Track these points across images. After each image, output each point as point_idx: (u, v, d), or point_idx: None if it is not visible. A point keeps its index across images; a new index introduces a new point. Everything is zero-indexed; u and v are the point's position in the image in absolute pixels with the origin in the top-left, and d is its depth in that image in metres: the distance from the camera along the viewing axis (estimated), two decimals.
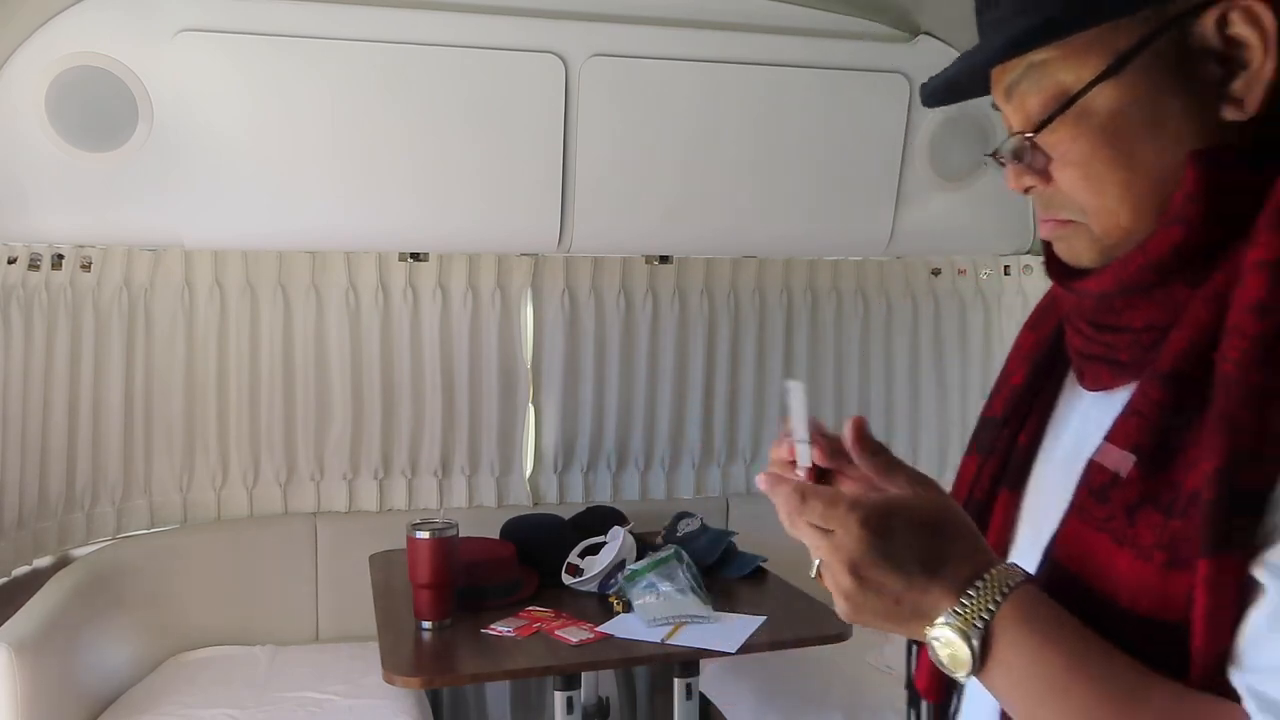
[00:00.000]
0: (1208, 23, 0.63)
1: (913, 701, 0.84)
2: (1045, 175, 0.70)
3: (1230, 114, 0.64)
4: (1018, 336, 0.85)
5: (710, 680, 2.71)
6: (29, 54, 2.15)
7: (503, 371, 3.10)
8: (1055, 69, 0.67)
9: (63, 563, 2.67)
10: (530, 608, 2.36)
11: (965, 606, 0.64)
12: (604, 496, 3.23)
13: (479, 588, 2.36)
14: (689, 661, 2.28)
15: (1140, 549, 0.62)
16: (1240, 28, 0.63)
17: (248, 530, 2.96)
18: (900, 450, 3.30)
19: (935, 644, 0.65)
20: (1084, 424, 0.73)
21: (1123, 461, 0.64)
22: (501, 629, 2.22)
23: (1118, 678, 0.61)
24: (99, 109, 2.19)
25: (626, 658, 2.31)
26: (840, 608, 0.67)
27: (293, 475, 3.02)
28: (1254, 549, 0.57)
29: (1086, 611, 0.64)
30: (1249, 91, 0.63)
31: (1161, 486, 0.62)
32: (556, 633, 2.20)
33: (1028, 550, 0.73)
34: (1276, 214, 0.61)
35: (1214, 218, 0.64)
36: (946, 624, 0.64)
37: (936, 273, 3.22)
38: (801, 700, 2.53)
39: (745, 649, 2.12)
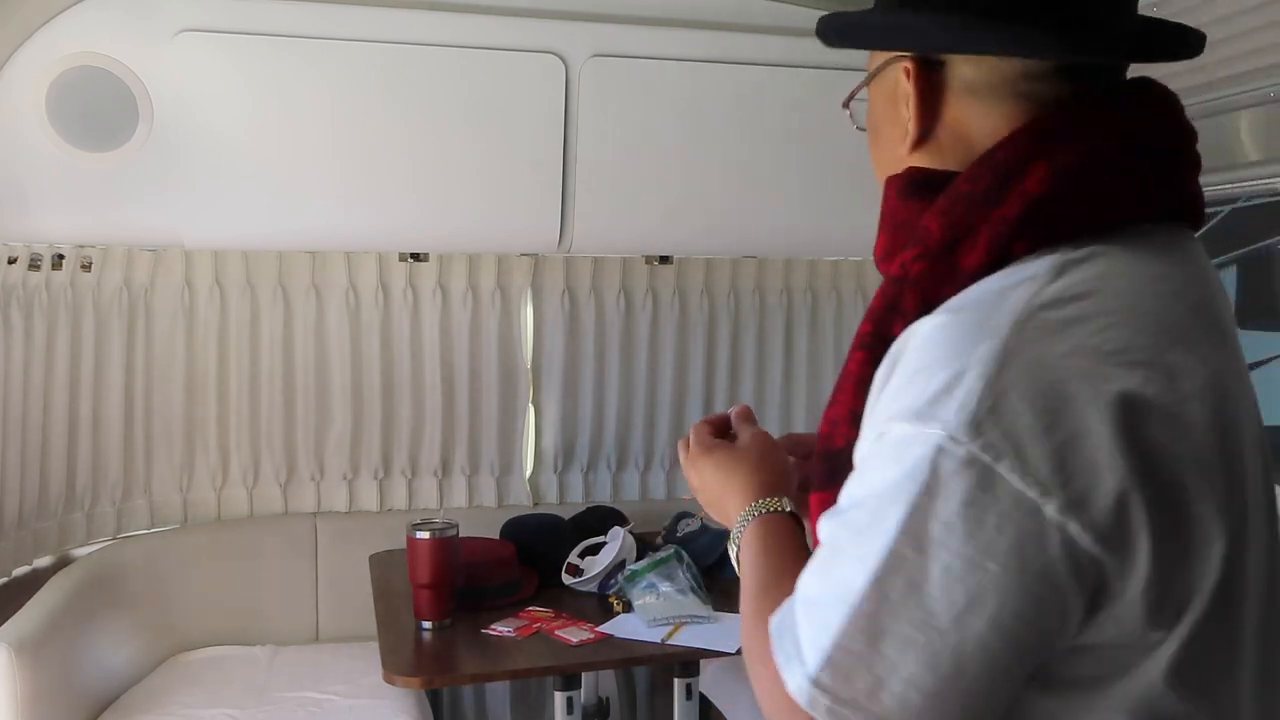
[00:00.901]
0: (897, 71, 0.79)
1: None
2: None
3: (904, 143, 0.80)
4: None
5: (710, 680, 2.71)
6: (29, 54, 2.15)
7: (503, 371, 3.10)
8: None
9: (63, 563, 2.67)
10: (530, 608, 2.36)
11: (740, 519, 0.90)
12: (604, 496, 3.23)
13: (479, 588, 2.36)
14: (689, 661, 2.28)
15: (815, 485, 0.81)
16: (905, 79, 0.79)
17: (248, 530, 2.96)
18: None
19: (730, 540, 0.91)
20: None
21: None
22: (501, 629, 2.22)
23: (780, 572, 0.80)
24: (99, 109, 2.19)
25: (626, 658, 2.30)
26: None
27: (293, 475, 3.02)
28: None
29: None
30: (909, 126, 0.79)
31: (833, 465, 0.79)
32: (556, 633, 2.20)
33: None
34: (913, 240, 0.75)
35: (894, 232, 0.80)
36: (736, 527, 0.91)
37: None
38: None
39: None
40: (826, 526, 0.70)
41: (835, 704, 0.65)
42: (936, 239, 0.73)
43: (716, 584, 2.47)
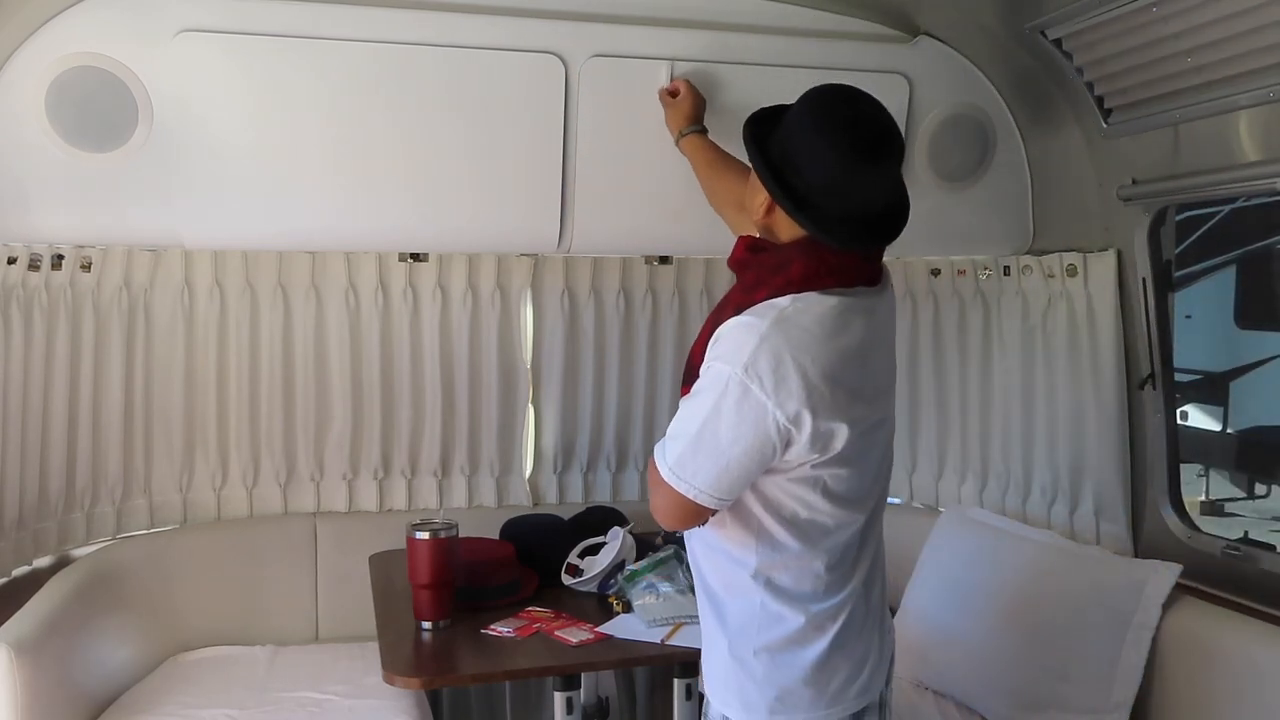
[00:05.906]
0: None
1: None
2: None
3: (758, 214, 1.63)
4: None
5: None
6: (29, 54, 2.15)
7: (503, 371, 3.10)
8: None
9: (63, 563, 2.67)
10: (530, 608, 2.36)
11: (687, 130, 2.28)
12: (604, 496, 3.23)
13: (479, 588, 2.36)
14: (689, 661, 2.28)
15: (684, 383, 1.60)
16: None
17: (248, 530, 2.96)
18: (899, 448, 3.33)
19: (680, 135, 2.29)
20: None
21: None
22: (501, 629, 2.22)
23: (725, 159, 2.27)
24: (99, 109, 2.19)
25: (626, 658, 2.31)
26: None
27: (293, 475, 3.02)
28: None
29: None
30: (761, 209, 1.61)
31: (692, 377, 1.57)
32: (556, 633, 2.20)
33: None
34: (743, 278, 1.59)
35: (739, 267, 1.62)
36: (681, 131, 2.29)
37: (936, 273, 3.22)
38: None
39: None
40: (684, 402, 1.54)
41: (675, 477, 1.50)
42: (750, 283, 1.53)
43: None
